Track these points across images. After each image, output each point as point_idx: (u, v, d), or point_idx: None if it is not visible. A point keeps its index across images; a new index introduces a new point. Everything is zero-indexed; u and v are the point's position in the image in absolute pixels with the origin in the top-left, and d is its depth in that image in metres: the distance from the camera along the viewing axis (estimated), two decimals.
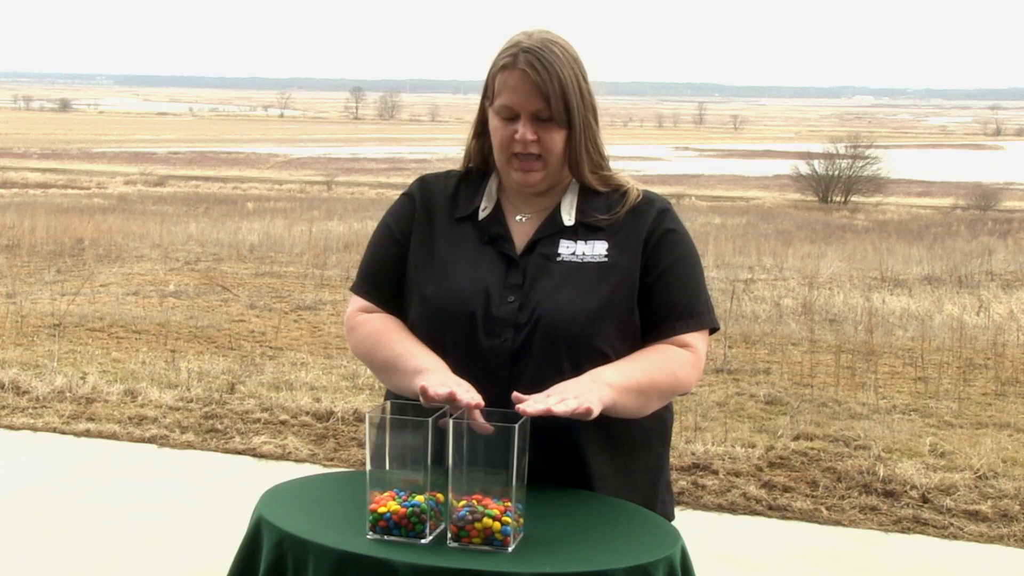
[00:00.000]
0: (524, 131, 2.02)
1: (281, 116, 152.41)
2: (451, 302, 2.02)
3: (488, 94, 2.09)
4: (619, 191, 2.11)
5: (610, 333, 2.00)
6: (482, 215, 2.11)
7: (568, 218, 2.07)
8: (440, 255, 2.08)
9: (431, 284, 2.06)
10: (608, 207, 2.08)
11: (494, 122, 2.07)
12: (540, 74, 2.00)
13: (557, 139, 2.04)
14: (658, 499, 2.11)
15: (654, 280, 2.04)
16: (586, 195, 2.10)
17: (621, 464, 2.04)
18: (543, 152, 2.04)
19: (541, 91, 2.00)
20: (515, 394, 1.81)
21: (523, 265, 2.04)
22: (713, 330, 2.11)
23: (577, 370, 1.96)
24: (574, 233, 2.06)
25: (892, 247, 20.86)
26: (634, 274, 2.03)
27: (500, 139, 2.06)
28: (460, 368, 1.98)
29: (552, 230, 2.07)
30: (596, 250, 2.04)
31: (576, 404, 1.80)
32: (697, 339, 2.06)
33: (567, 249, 2.04)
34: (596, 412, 1.83)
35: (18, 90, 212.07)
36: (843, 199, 41.66)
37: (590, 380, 1.90)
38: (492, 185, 2.14)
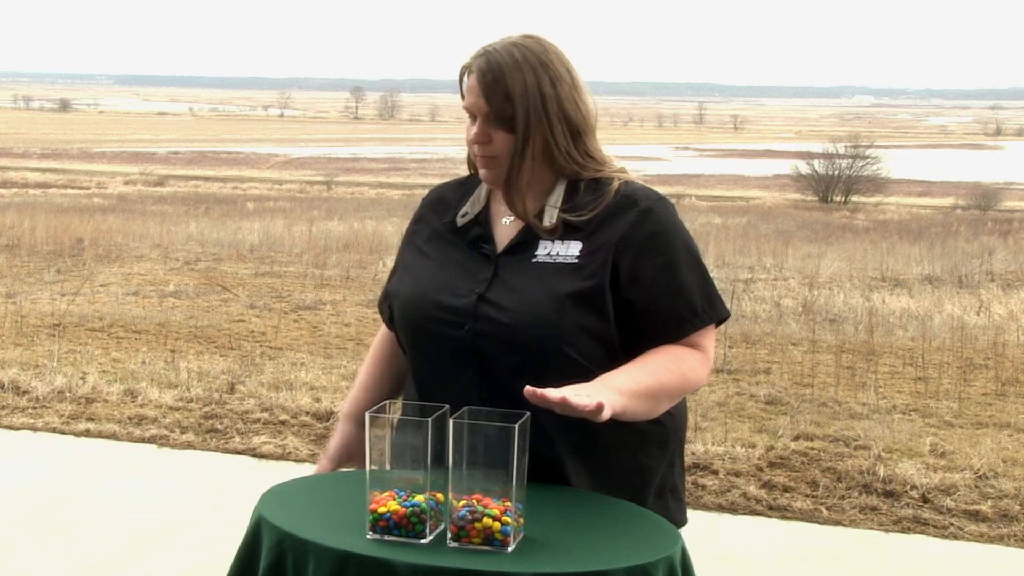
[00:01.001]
0: (476, 132, 2.07)
1: (281, 116, 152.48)
2: (420, 298, 2.07)
3: None
4: (602, 182, 2.08)
5: (571, 333, 1.97)
6: (461, 221, 2.13)
7: (548, 220, 2.06)
8: (420, 260, 2.15)
9: (406, 285, 2.12)
10: (589, 201, 2.05)
11: (467, 122, 2.12)
12: (486, 77, 2.03)
13: (502, 141, 2.05)
14: (647, 502, 2.07)
15: (647, 289, 2.01)
16: (573, 192, 2.07)
17: (600, 464, 2.02)
18: (496, 153, 2.06)
19: (485, 94, 2.03)
20: (528, 388, 1.80)
21: (497, 264, 2.05)
22: (722, 320, 2.08)
23: (541, 366, 1.94)
24: (553, 233, 2.05)
25: (892, 247, 20.86)
26: (603, 279, 1.99)
27: (467, 138, 2.12)
28: (431, 362, 2.05)
29: (533, 232, 2.06)
30: (570, 250, 2.02)
31: (588, 401, 1.80)
32: (703, 336, 2.05)
33: (544, 250, 2.03)
34: (607, 415, 1.82)
35: (18, 90, 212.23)
36: (843, 199, 41.68)
37: (601, 385, 1.88)
38: (483, 189, 2.16)
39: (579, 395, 1.80)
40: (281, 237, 18.16)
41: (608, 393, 1.86)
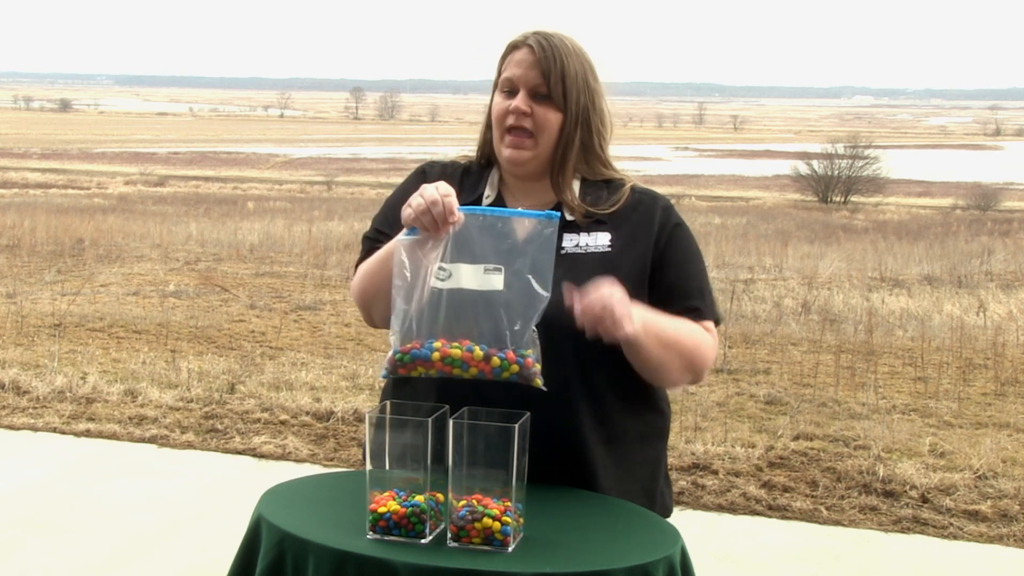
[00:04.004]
0: (518, 102, 2.06)
1: (281, 116, 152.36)
2: None
3: (497, 79, 2.13)
4: (615, 182, 2.14)
5: None
6: (485, 202, 2.13)
7: (569, 214, 2.09)
8: None
9: None
10: (607, 197, 2.11)
11: (496, 99, 2.11)
12: (545, 52, 2.06)
13: (551, 118, 2.07)
14: (658, 490, 2.14)
15: (667, 274, 2.07)
16: (586, 187, 2.12)
17: (623, 455, 2.07)
18: (535, 129, 2.07)
19: (542, 68, 2.05)
20: (566, 287, 1.85)
21: None
22: (719, 320, 2.16)
23: (580, 360, 1.99)
24: (577, 226, 2.08)
25: (891, 247, 20.85)
26: (644, 269, 2.05)
27: (497, 113, 2.09)
28: None
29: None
30: (599, 241, 2.07)
31: (625, 310, 1.85)
32: (711, 327, 2.11)
33: (571, 242, 2.07)
34: (631, 330, 1.87)
35: (18, 90, 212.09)
36: (843, 199, 41.65)
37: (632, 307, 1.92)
38: (494, 176, 2.18)
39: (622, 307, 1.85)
40: (281, 237, 18.15)
41: (636, 313, 1.90)
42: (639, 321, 1.91)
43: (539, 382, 1.82)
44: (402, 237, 1.88)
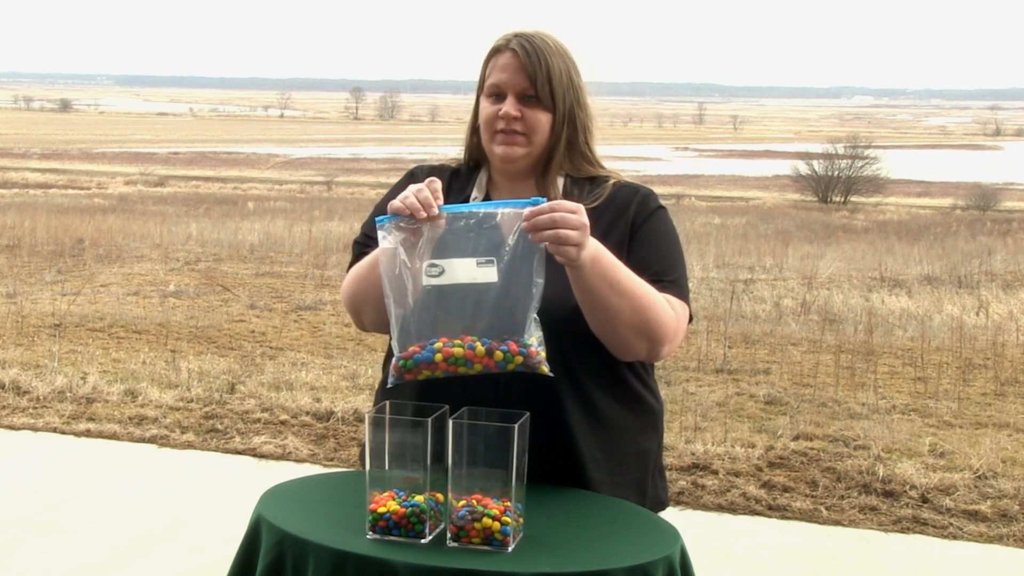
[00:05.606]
0: (508, 107, 2.07)
1: (281, 116, 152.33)
2: None
3: (481, 84, 2.14)
4: (599, 179, 2.15)
5: None
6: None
7: None
8: None
9: None
10: (589, 192, 2.12)
11: (483, 104, 2.12)
12: (529, 55, 2.07)
13: (542, 119, 2.08)
14: (650, 481, 2.14)
15: (639, 250, 2.06)
16: (570, 185, 2.14)
17: (613, 448, 2.07)
18: (527, 131, 2.08)
19: (528, 71, 2.06)
20: (528, 210, 1.81)
21: None
22: (690, 312, 2.11)
23: (562, 355, 1.97)
24: None
25: (891, 247, 20.86)
26: (621, 254, 2.02)
27: (486, 117, 2.10)
28: None
29: None
30: None
31: (576, 218, 1.80)
32: (680, 307, 2.05)
33: None
34: (582, 251, 1.82)
35: (18, 90, 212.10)
36: (843, 199, 41.67)
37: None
38: (482, 178, 2.19)
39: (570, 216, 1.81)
40: (281, 237, 18.15)
41: (592, 245, 1.87)
42: (592, 253, 1.86)
43: (545, 369, 1.82)
44: (380, 219, 1.86)
